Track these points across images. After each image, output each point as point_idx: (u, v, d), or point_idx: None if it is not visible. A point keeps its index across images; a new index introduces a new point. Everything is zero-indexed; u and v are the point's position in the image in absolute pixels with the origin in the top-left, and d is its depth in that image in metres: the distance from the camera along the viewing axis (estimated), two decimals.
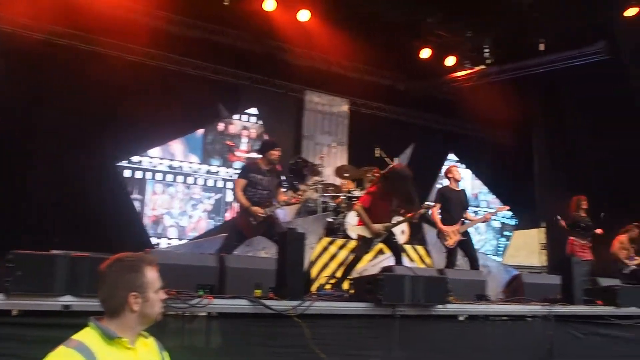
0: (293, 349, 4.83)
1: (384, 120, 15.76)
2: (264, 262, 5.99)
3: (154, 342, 2.79)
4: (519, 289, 7.44)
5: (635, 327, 7.26)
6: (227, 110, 13.47)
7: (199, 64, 13.00)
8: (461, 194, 9.22)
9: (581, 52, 14.58)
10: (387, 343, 5.37)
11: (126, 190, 12.05)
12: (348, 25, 12.46)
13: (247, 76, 13.66)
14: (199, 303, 4.50)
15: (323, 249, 10.10)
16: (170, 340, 4.31)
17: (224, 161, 13.39)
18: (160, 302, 2.70)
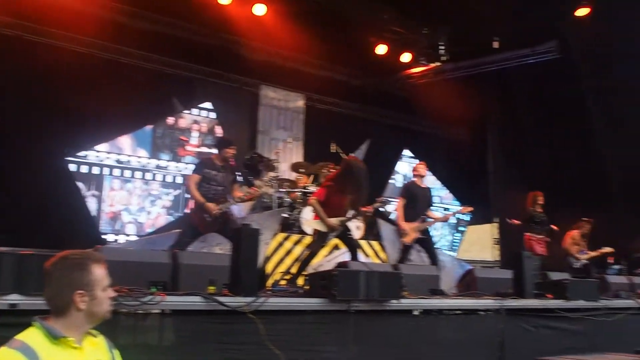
0: (247, 345, 4.79)
1: (339, 115, 15.78)
2: (218, 259, 5.94)
3: (103, 340, 2.73)
4: (472, 284, 7.54)
5: (583, 319, 7.41)
6: (182, 104, 13.29)
7: (153, 57, 12.80)
8: (427, 191, 9.28)
9: (534, 50, 14.87)
10: (341, 338, 5.37)
11: (77, 186, 11.79)
12: (304, 20, 12.43)
13: (202, 70, 13.51)
14: (151, 300, 4.42)
15: (278, 245, 10.07)
16: (123, 338, 4.26)
17: (173, 156, 13.18)
18: (108, 300, 2.64)
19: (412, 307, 6.06)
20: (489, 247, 17.48)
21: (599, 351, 6.31)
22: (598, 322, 7.54)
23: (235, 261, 5.04)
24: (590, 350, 6.60)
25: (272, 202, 11.39)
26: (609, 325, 7.60)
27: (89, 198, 11.99)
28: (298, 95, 14.99)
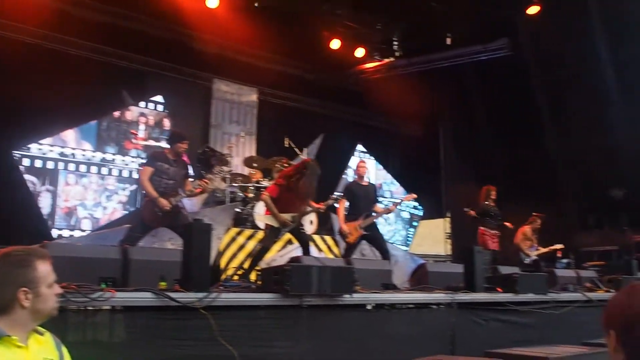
0: (199, 341, 4.75)
1: (293, 110, 15.75)
2: (169, 254, 5.88)
3: (51, 337, 2.67)
4: (423, 278, 7.59)
5: (532, 312, 7.56)
6: (132, 97, 13.08)
7: (103, 49, 12.56)
8: (369, 188, 9.29)
9: (486, 47, 15.06)
10: (294, 333, 5.37)
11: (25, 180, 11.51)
12: (258, 13, 12.40)
13: (153, 63, 13.32)
14: (101, 297, 4.35)
15: (231, 240, 10.02)
16: (72, 335, 4.19)
17: (119, 149, 12.92)
18: (54, 297, 2.58)
19: (365, 301, 6.08)
20: (441, 241, 17.70)
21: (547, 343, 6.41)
22: (547, 315, 7.70)
23: (187, 256, 4.99)
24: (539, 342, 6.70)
25: (224, 196, 11.33)
26: (557, 318, 7.76)
27: (43, 193, 11.73)
28: (251, 89, 14.91)
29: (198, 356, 4.73)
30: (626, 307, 1.93)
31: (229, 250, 9.87)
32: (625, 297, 1.96)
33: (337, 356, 5.62)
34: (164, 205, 7.27)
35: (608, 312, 2.00)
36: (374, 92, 15.13)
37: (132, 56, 12.99)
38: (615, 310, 1.97)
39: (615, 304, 1.99)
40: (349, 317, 5.89)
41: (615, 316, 1.96)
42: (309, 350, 5.40)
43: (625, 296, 1.97)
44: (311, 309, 5.49)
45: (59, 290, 2.65)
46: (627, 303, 1.93)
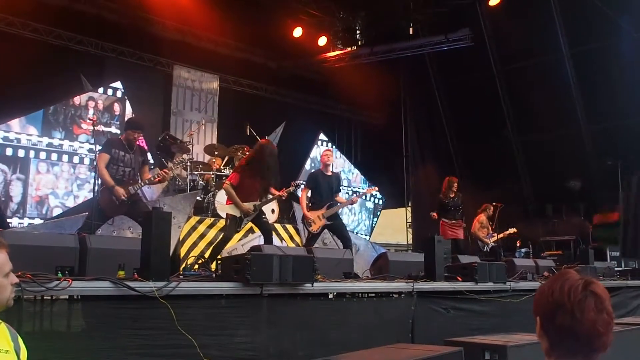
0: (159, 331, 4.70)
1: (255, 98, 15.71)
2: (128, 242, 5.80)
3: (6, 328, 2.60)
4: (384, 267, 7.61)
5: (491, 301, 7.65)
6: (91, 82, 12.85)
7: (61, 33, 12.35)
8: (332, 178, 9.27)
9: (448, 37, 15.15)
10: (255, 322, 5.34)
11: None
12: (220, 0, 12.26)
13: (111, 48, 13.14)
14: (57, 286, 4.27)
15: (191, 228, 9.95)
16: (28, 325, 4.10)
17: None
18: (10, 287, 2.51)
19: (326, 290, 6.08)
20: (402, 230, 17.82)
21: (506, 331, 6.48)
22: (505, 303, 7.80)
23: (146, 245, 4.92)
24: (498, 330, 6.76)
25: (185, 184, 11.23)
26: (515, 306, 7.85)
27: (14, 181, 11.50)
28: (213, 76, 14.78)
29: (158, 346, 4.68)
30: (549, 295, 1.96)
31: (189, 238, 9.81)
32: (548, 285, 1.99)
33: (297, 345, 5.62)
34: (121, 195, 7.16)
35: (535, 299, 2.04)
36: (337, 80, 15.13)
37: (91, 40, 12.81)
38: (539, 297, 2.00)
39: (540, 292, 2.02)
40: (310, 306, 5.88)
41: (540, 304, 2.00)
42: (269, 339, 5.39)
43: (549, 284, 2.00)
44: (272, 298, 5.47)
45: (16, 280, 2.58)
46: (549, 290, 1.96)
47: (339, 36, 15.77)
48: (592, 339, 1.89)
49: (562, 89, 15.66)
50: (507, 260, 9.31)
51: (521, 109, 16.48)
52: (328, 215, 8.91)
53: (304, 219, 9.01)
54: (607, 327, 1.91)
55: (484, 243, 12.20)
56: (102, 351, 4.46)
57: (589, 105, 15.57)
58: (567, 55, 15.51)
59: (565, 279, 1.96)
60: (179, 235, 9.62)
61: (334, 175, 9.39)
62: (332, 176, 9.30)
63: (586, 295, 1.90)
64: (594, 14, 13.95)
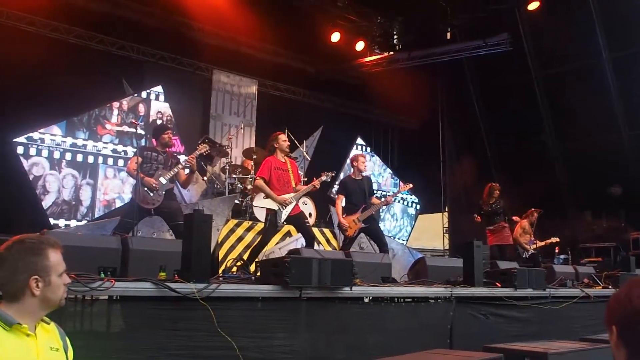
0: (199, 332, 4.74)
1: (292, 102, 15.77)
2: (169, 244, 5.85)
3: (55, 327, 2.66)
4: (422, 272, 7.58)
5: (530, 307, 7.57)
6: (132, 87, 13.04)
7: (103, 38, 12.58)
8: (363, 182, 9.24)
9: (486, 42, 15.04)
10: (293, 325, 5.36)
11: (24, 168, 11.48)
12: (258, 5, 12.36)
13: (152, 53, 13.32)
14: (100, 286, 4.33)
15: (230, 231, 10.03)
16: (70, 324, 4.17)
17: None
18: (63, 287, 2.57)
19: (364, 294, 6.08)
20: (439, 235, 17.71)
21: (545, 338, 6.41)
22: (545, 310, 7.71)
23: (187, 247, 4.98)
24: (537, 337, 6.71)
25: (224, 187, 11.32)
26: (555, 313, 7.77)
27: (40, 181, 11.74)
28: (251, 81, 14.87)
29: (197, 347, 4.73)
30: (626, 303, 1.88)
31: (227, 241, 9.88)
32: (625, 292, 1.92)
33: (335, 349, 5.62)
34: (151, 183, 7.27)
35: (609, 307, 1.96)
36: (374, 85, 15.12)
37: (132, 45, 13.00)
38: (616, 305, 1.93)
39: (616, 299, 1.95)
40: (348, 310, 5.88)
41: (616, 312, 1.92)
42: (307, 342, 5.40)
43: (625, 291, 1.93)
44: (310, 301, 5.49)
45: (68, 280, 2.64)
46: (627, 298, 1.89)
47: (377, 41, 15.76)
48: None
49: (601, 94, 15.44)
50: (547, 267, 9.21)
51: (560, 113, 16.29)
52: (363, 218, 8.90)
53: (339, 225, 9.02)
54: None
55: (524, 249, 12.07)
56: (142, 351, 4.51)
57: (629, 110, 15.33)
58: (607, 60, 15.29)
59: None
60: (217, 238, 9.70)
61: (365, 179, 9.37)
62: (363, 179, 9.28)
63: None
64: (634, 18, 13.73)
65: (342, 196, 9.13)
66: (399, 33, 15.91)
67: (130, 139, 12.61)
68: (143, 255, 5.20)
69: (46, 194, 11.86)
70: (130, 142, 12.64)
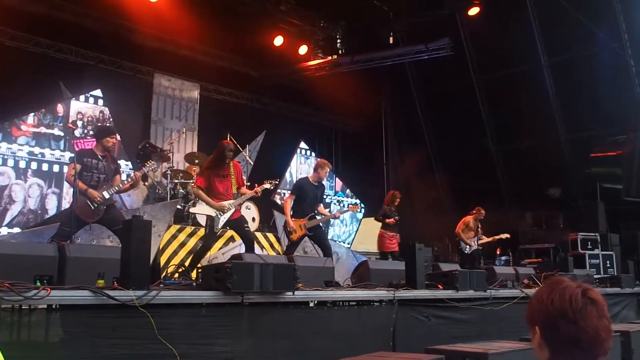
0: (139, 340, 4.67)
1: (235, 106, 15.68)
2: (108, 251, 5.77)
3: None
4: (365, 275, 7.62)
5: (472, 309, 7.68)
6: (70, 90, 12.74)
7: (40, 40, 12.25)
8: (318, 189, 9.27)
9: (427, 46, 15.24)
10: (235, 331, 5.34)
11: None
12: (200, 8, 12.28)
13: (91, 56, 13.05)
14: (36, 295, 4.23)
15: (172, 237, 9.91)
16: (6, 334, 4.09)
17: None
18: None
19: (307, 298, 6.10)
20: None
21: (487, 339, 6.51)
22: (486, 311, 7.84)
23: (126, 254, 4.90)
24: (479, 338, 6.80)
25: (165, 193, 11.18)
26: (496, 313, 7.91)
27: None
28: (193, 85, 14.73)
29: (138, 355, 4.66)
30: (548, 304, 1.92)
31: (169, 247, 9.77)
32: (547, 293, 1.95)
33: (278, 354, 5.62)
34: (96, 197, 7.11)
35: (531, 308, 1.99)
36: (317, 89, 15.16)
37: (70, 48, 12.71)
38: (538, 306, 1.95)
39: (538, 299, 1.97)
40: (291, 315, 5.88)
41: (539, 312, 1.95)
42: (250, 348, 5.38)
43: (547, 291, 1.95)
44: (253, 306, 5.47)
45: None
46: (549, 299, 1.92)
47: (320, 45, 15.82)
48: (595, 346, 1.88)
49: (541, 98, 15.85)
50: (488, 268, 9.35)
51: (501, 117, 16.65)
52: (309, 226, 8.90)
53: (286, 225, 8.99)
54: (608, 332, 1.90)
55: (467, 245, 12.28)
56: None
57: (567, 114, 15.76)
58: (545, 65, 15.71)
59: (563, 287, 1.93)
60: (159, 243, 9.56)
61: (320, 186, 9.37)
62: (319, 186, 9.29)
63: (586, 303, 1.88)
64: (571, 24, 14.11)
65: (294, 196, 9.11)
66: (342, 37, 16.02)
67: (48, 141, 12.25)
68: (81, 263, 5.11)
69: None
70: (48, 144, 12.25)
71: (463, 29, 16.08)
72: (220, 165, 7.94)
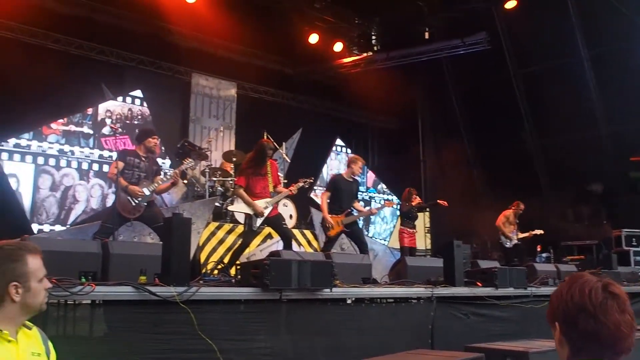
0: (179, 335, 4.77)
1: (272, 104, 15.78)
2: (149, 248, 5.87)
3: (38, 332, 2.67)
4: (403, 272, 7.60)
5: (512, 306, 7.61)
6: (111, 91, 13.00)
7: (81, 43, 12.51)
8: (353, 185, 9.28)
9: (464, 41, 15.10)
10: (273, 328, 5.40)
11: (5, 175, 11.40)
12: (236, 8, 12.38)
13: (132, 57, 13.28)
14: (81, 291, 4.35)
15: (210, 234, 10.03)
16: (52, 329, 4.19)
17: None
18: (44, 292, 2.58)
19: (344, 295, 6.12)
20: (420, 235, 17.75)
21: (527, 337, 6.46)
22: (526, 309, 7.74)
23: (166, 250, 5.00)
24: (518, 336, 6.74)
25: (204, 190, 11.32)
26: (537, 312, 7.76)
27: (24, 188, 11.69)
28: (230, 84, 14.88)
29: (178, 350, 4.75)
30: (568, 299, 1.88)
31: (208, 244, 9.89)
32: (567, 289, 1.92)
33: (316, 350, 5.66)
34: (137, 192, 7.24)
35: (552, 304, 1.96)
36: (353, 86, 15.16)
37: (112, 50, 12.95)
38: (558, 302, 1.93)
39: (558, 295, 1.94)
40: (328, 311, 5.92)
41: (558, 308, 1.92)
42: (288, 344, 5.43)
43: (567, 287, 1.92)
44: (291, 303, 5.51)
45: (49, 285, 2.65)
46: (569, 294, 1.89)
47: (355, 42, 15.82)
48: (616, 342, 1.83)
49: (580, 91, 15.54)
50: (528, 265, 9.23)
51: (539, 111, 16.41)
52: (347, 222, 8.94)
53: (323, 221, 9.03)
54: (631, 328, 1.85)
55: (508, 239, 12.20)
56: (123, 355, 4.54)
57: (608, 107, 15.44)
58: (585, 57, 15.41)
59: (583, 282, 1.89)
60: (198, 241, 9.70)
61: (354, 182, 9.39)
62: (353, 182, 9.31)
63: (607, 297, 1.84)
64: (611, 15, 13.87)
65: (329, 193, 9.15)
66: (377, 33, 15.98)
67: (78, 139, 12.48)
68: (123, 259, 5.22)
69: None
70: (77, 142, 12.49)
71: (500, 22, 15.89)
72: (260, 165, 7.99)
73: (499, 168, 16.25)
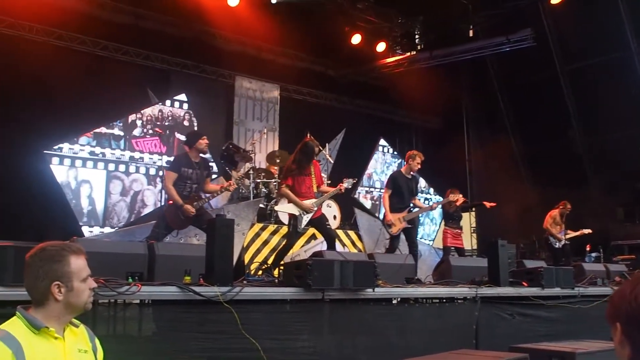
0: (223, 334, 4.84)
1: (315, 105, 15.84)
2: (194, 249, 5.95)
3: (85, 330, 2.75)
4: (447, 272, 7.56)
5: (559, 307, 7.50)
6: (157, 96, 13.24)
7: (127, 49, 12.77)
8: (412, 181, 9.26)
9: (509, 38, 14.90)
10: (317, 327, 5.43)
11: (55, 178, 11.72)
12: (278, 10, 12.47)
13: (176, 62, 13.49)
14: (128, 291, 4.46)
15: (255, 235, 10.10)
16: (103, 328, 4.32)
17: None
18: (88, 291, 2.66)
19: (387, 295, 6.12)
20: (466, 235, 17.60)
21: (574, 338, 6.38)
22: (574, 309, 7.62)
23: (210, 251, 5.08)
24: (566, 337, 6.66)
25: (248, 192, 11.41)
26: (585, 312, 7.66)
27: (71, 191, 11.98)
28: (273, 86, 14.98)
29: (223, 349, 4.82)
30: (631, 299, 1.82)
31: (253, 245, 9.97)
32: (630, 289, 1.85)
33: (359, 350, 5.67)
34: (189, 211, 7.32)
35: (613, 304, 1.90)
36: (396, 86, 15.13)
37: (156, 55, 13.18)
38: (620, 302, 1.86)
39: (620, 295, 1.88)
40: (371, 311, 5.93)
41: (620, 308, 1.85)
42: (331, 343, 5.46)
43: (630, 287, 1.85)
44: (333, 303, 5.54)
45: (94, 285, 2.73)
46: (632, 295, 1.82)
47: (398, 42, 15.76)
48: None
49: (630, 87, 15.18)
50: (576, 265, 9.08)
51: (587, 108, 16.09)
52: (409, 218, 8.93)
53: (384, 220, 9.03)
54: None
55: (557, 239, 12.04)
56: (169, 354, 4.63)
57: None
58: (635, 51, 15.05)
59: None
60: (243, 242, 9.78)
61: (414, 178, 9.36)
62: (412, 179, 9.29)
63: None
64: None
65: (390, 191, 9.14)
66: (420, 33, 15.90)
67: (109, 141, 12.67)
68: (168, 260, 5.31)
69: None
70: (108, 144, 12.67)
71: (546, 18, 15.64)
72: (306, 164, 7.99)
73: (547, 166, 16.00)
